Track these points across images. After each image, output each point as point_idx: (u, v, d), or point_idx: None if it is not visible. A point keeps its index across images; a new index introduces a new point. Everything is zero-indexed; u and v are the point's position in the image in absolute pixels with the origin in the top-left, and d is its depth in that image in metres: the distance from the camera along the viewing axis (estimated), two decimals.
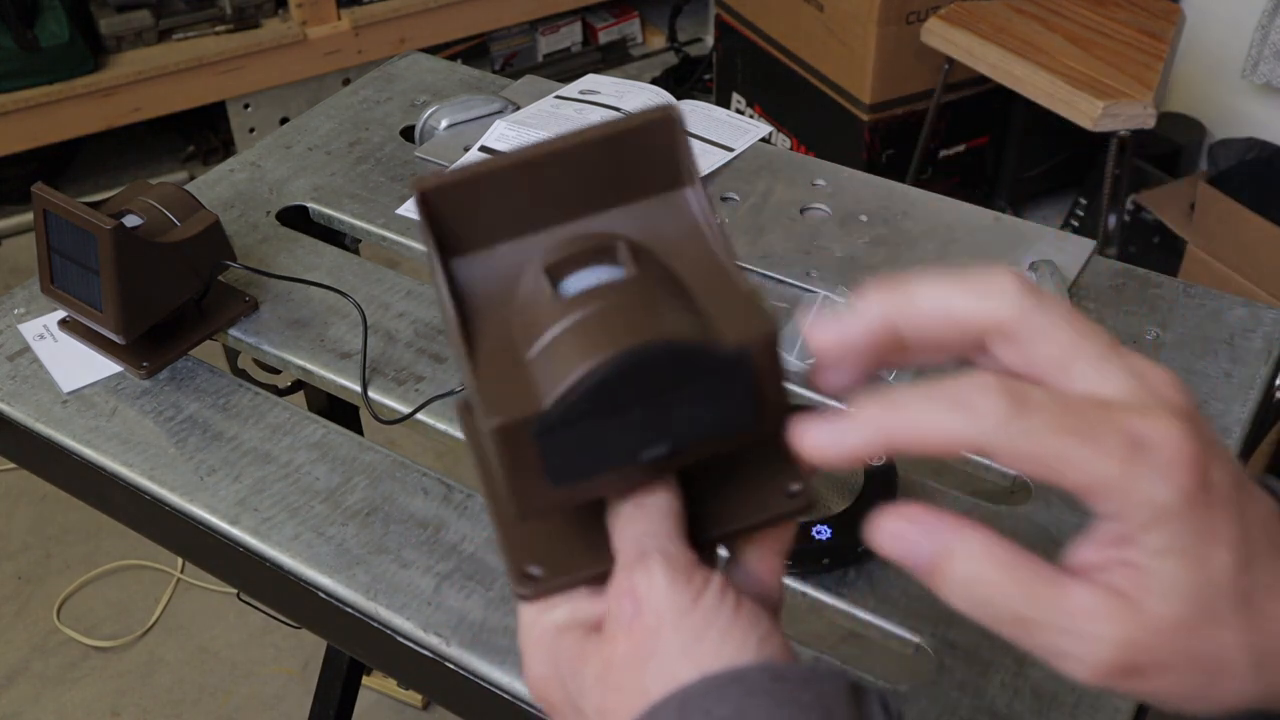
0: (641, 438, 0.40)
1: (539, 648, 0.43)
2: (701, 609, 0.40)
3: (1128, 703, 0.74)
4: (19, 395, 0.98)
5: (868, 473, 0.83)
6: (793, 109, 2.69)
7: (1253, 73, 2.31)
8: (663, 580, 0.40)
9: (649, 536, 0.41)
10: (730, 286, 0.43)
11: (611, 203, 0.45)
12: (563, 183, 0.44)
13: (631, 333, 0.39)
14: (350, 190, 1.20)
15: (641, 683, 0.39)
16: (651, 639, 0.39)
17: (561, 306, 0.41)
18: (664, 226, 0.45)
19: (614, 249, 0.43)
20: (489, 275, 0.44)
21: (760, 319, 0.41)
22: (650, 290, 0.41)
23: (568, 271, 0.42)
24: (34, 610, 1.97)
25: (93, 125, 2.66)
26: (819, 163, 1.22)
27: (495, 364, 0.41)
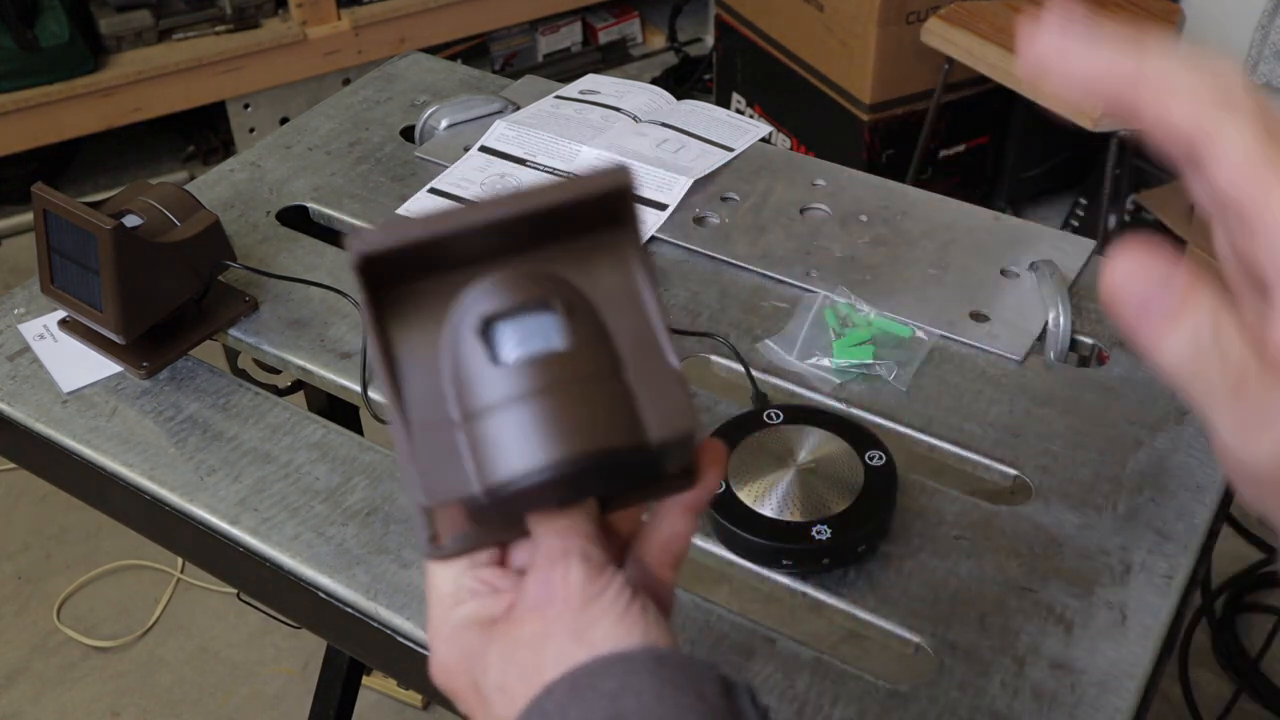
0: (566, 498, 0.46)
1: (446, 639, 0.48)
2: (602, 601, 0.45)
3: (1127, 702, 0.74)
4: (19, 395, 0.98)
5: (867, 472, 0.83)
6: (793, 109, 2.69)
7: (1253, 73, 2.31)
8: (577, 575, 0.45)
9: (572, 535, 0.46)
10: (657, 357, 0.44)
11: (552, 241, 0.45)
12: (506, 233, 0.43)
13: (567, 440, 0.41)
14: (350, 190, 1.20)
15: (539, 661, 0.44)
16: (555, 624, 0.45)
17: (497, 377, 0.42)
18: (601, 269, 0.45)
19: (550, 301, 0.43)
20: (421, 307, 0.44)
21: (683, 416, 0.43)
22: (583, 371, 0.43)
23: (504, 319, 0.43)
24: (34, 610, 1.97)
25: (93, 125, 2.66)
26: (819, 163, 1.22)
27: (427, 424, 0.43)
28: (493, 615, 0.47)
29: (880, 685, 0.75)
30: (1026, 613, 0.79)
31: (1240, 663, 1.83)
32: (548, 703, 0.43)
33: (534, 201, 0.42)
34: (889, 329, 1.00)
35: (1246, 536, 2.00)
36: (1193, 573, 0.82)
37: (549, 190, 0.42)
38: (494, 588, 0.48)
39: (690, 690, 0.42)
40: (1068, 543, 0.83)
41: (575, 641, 0.44)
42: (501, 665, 0.46)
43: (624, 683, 0.42)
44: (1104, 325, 1.01)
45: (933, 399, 0.94)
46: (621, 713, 0.41)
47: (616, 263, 0.45)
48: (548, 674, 0.44)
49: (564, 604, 0.45)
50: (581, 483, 0.44)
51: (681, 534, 0.50)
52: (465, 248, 0.43)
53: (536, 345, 0.42)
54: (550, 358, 0.42)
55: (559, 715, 0.42)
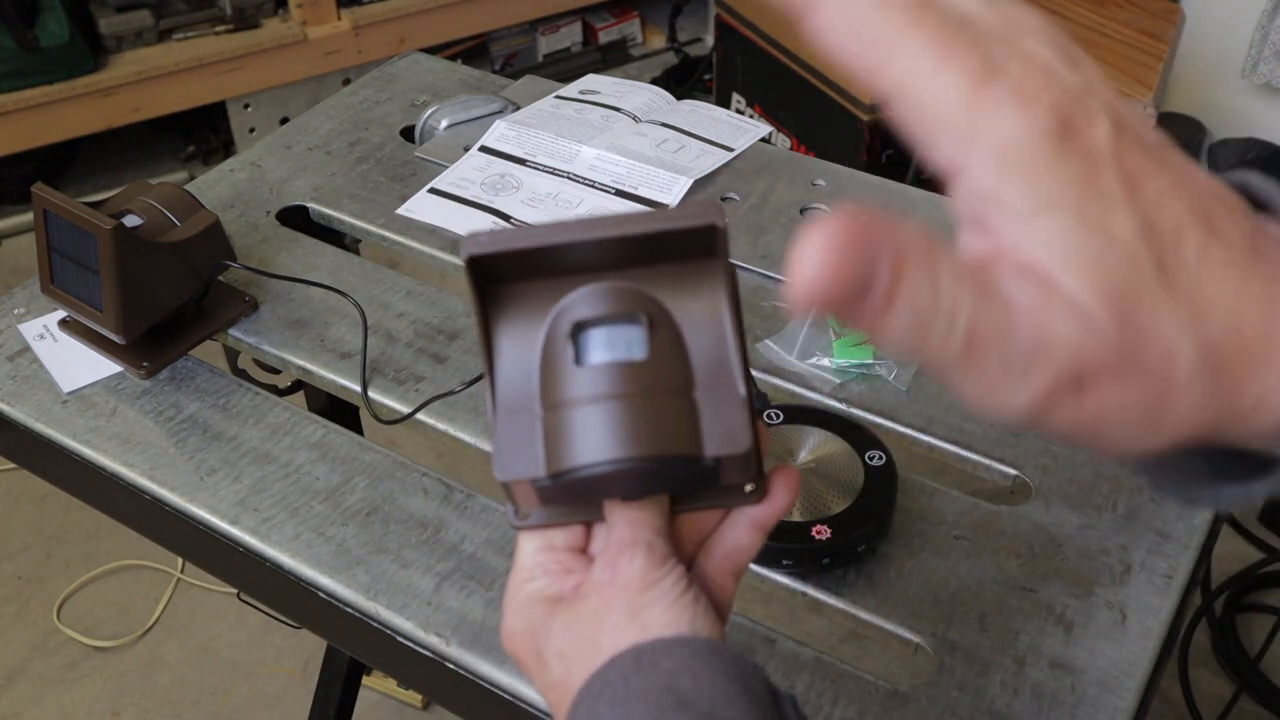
0: (630, 493, 0.50)
1: (516, 609, 0.52)
2: (659, 588, 0.49)
3: (1127, 702, 0.74)
4: (19, 395, 0.98)
5: (867, 472, 0.83)
6: (793, 109, 2.69)
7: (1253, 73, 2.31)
8: (641, 562, 0.49)
9: (643, 526, 0.50)
10: (727, 382, 0.48)
11: (647, 263, 0.48)
12: (604, 251, 0.47)
13: (628, 442, 0.45)
14: (350, 190, 1.20)
15: (596, 634, 0.49)
16: (614, 601, 0.49)
17: (579, 376, 0.47)
18: (690, 293, 0.49)
19: (636, 315, 0.48)
20: (520, 307, 0.48)
21: (740, 438, 0.47)
22: (656, 382, 0.47)
23: (592, 327, 0.48)
24: (34, 610, 1.97)
25: (93, 125, 2.66)
26: (819, 163, 1.22)
27: (511, 410, 0.48)
28: (560, 592, 0.51)
29: (880, 685, 0.75)
30: (1026, 613, 0.79)
31: (1240, 663, 1.83)
32: (611, 672, 0.47)
33: (634, 227, 0.46)
34: None
35: (1246, 536, 2.00)
36: (1193, 573, 0.82)
37: (649, 218, 0.46)
38: (566, 569, 0.52)
39: (740, 682, 0.46)
40: (1068, 543, 0.83)
41: (629, 619, 0.48)
42: (563, 634, 0.50)
43: (683, 663, 0.46)
44: None
45: (933, 399, 0.94)
46: (677, 688, 0.45)
47: (704, 291, 0.49)
48: (603, 644, 0.48)
49: (624, 586, 0.49)
50: (640, 481, 0.48)
51: (745, 547, 0.53)
52: (566, 259, 0.47)
53: (619, 353, 0.47)
54: (628, 366, 0.47)
55: (621, 683, 0.46)
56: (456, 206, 1.16)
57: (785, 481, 0.53)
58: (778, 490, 0.53)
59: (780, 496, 0.53)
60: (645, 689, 0.45)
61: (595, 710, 0.46)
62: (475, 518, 0.87)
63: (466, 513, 0.87)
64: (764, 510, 0.53)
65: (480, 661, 0.77)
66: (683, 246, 0.48)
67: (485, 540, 0.85)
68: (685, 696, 0.45)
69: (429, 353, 1.00)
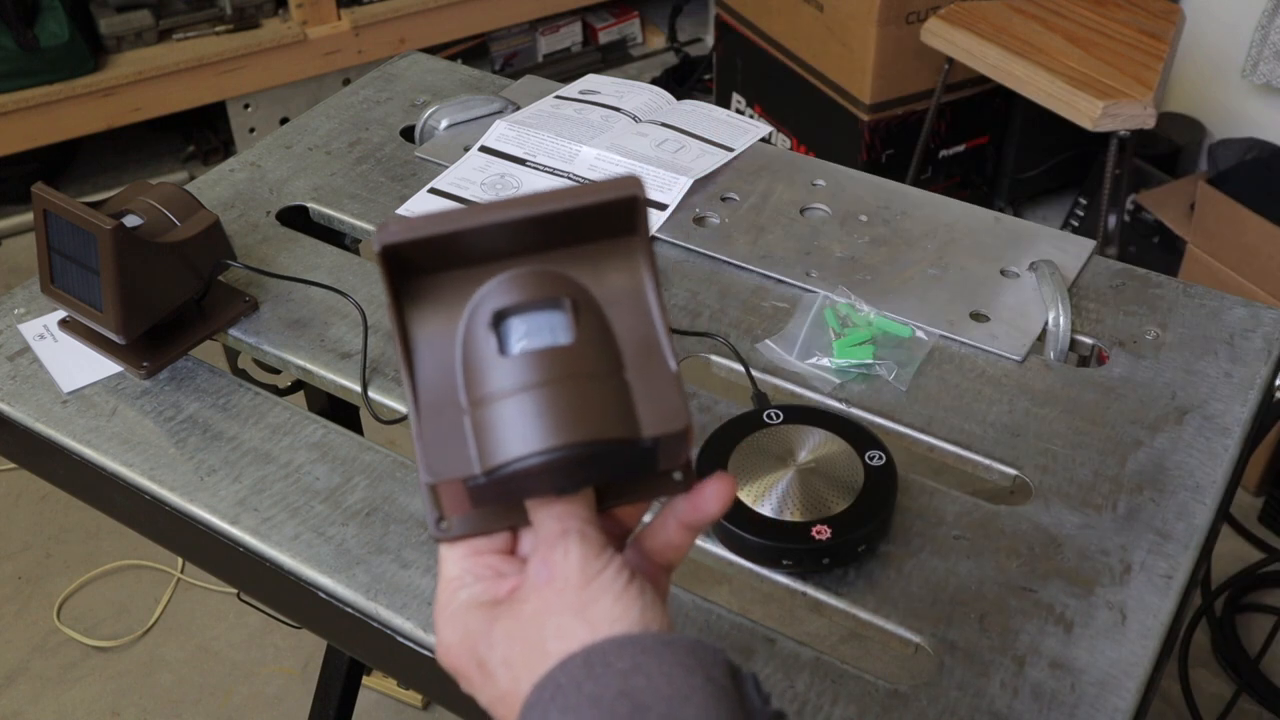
0: (555, 486, 0.48)
1: (451, 620, 0.50)
2: (601, 580, 0.48)
3: (1127, 702, 0.74)
4: (19, 395, 0.98)
5: (867, 472, 0.83)
6: (793, 109, 2.69)
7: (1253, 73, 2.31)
8: (576, 554, 0.48)
9: (570, 517, 0.49)
10: (657, 359, 0.47)
11: (564, 244, 0.47)
12: (521, 233, 0.46)
13: (562, 429, 0.44)
14: (350, 190, 1.20)
15: (541, 636, 0.47)
16: (555, 600, 0.47)
17: (504, 366, 0.45)
18: (610, 273, 0.47)
19: (559, 299, 0.46)
20: (437, 299, 0.47)
21: (676, 414, 0.46)
22: (585, 366, 0.45)
23: (514, 314, 0.46)
24: (34, 610, 1.97)
25: (93, 125, 2.66)
26: (819, 163, 1.22)
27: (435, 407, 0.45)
28: (495, 597, 0.50)
29: (880, 685, 0.75)
30: (1026, 613, 0.79)
31: (1240, 663, 1.83)
32: (561, 676, 0.45)
33: (549, 205, 0.45)
34: (889, 329, 1.00)
35: (1246, 536, 2.00)
36: (1193, 573, 0.82)
37: (564, 195, 0.45)
38: (498, 572, 0.51)
39: (699, 672, 0.45)
40: (1068, 543, 0.83)
41: (575, 617, 0.47)
42: (506, 641, 0.48)
43: (636, 662, 0.45)
44: (1104, 325, 1.01)
45: (933, 399, 0.94)
46: (632, 689, 0.44)
47: (624, 267, 0.47)
48: (550, 648, 0.46)
49: (564, 582, 0.47)
50: (577, 470, 0.46)
51: (677, 546, 0.53)
52: (482, 244, 0.46)
53: (543, 340, 0.45)
54: (555, 352, 0.45)
55: (574, 689, 0.44)
56: (456, 207, 1.16)
57: (719, 488, 0.51)
58: (711, 495, 0.51)
59: (713, 501, 0.51)
60: (598, 694, 0.44)
61: (546, 716, 0.45)
62: None
63: None
64: (694, 513, 0.51)
65: None
66: (600, 224, 0.46)
67: None
68: (641, 700, 0.44)
69: None
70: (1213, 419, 0.92)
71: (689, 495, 0.52)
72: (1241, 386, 0.95)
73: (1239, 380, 0.95)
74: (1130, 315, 1.02)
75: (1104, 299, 1.04)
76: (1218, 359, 0.97)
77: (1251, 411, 0.93)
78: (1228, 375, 0.96)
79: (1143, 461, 0.89)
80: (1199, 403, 0.94)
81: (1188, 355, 0.98)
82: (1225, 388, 0.95)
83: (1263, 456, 2.05)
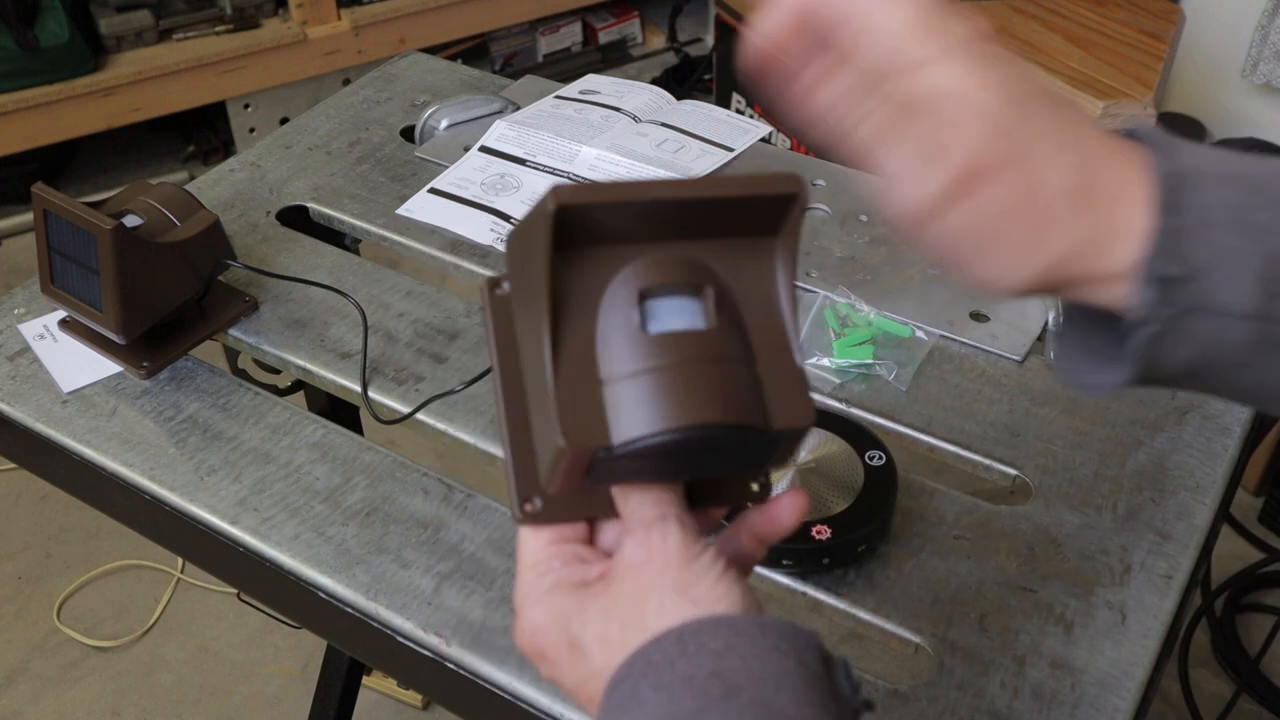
0: (674, 471, 0.49)
1: (538, 602, 0.50)
2: (699, 563, 0.48)
3: (1127, 702, 0.74)
4: (19, 395, 0.98)
5: (867, 472, 0.83)
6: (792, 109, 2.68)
7: (1253, 73, 2.31)
8: (676, 536, 0.48)
9: (667, 504, 0.49)
10: (785, 357, 0.48)
11: (710, 234, 0.48)
12: (675, 215, 0.47)
13: (700, 409, 0.45)
14: (350, 190, 1.20)
15: (641, 613, 0.47)
16: (656, 579, 0.47)
17: (646, 343, 0.46)
18: (747, 268, 0.49)
19: (701, 286, 0.47)
20: (583, 270, 0.47)
21: (805, 410, 0.47)
22: (721, 352, 0.46)
23: (656, 296, 0.47)
24: (34, 610, 1.97)
25: (93, 125, 2.65)
26: (819, 163, 1.22)
27: (573, 374, 0.46)
28: (585, 579, 0.50)
29: (880, 685, 0.75)
30: (1026, 613, 0.79)
31: (1240, 663, 1.83)
32: (655, 653, 0.45)
33: (715, 190, 0.46)
34: (889, 329, 1.00)
35: (1246, 536, 2.00)
36: (1193, 573, 0.82)
37: (730, 182, 0.46)
38: (582, 560, 0.51)
39: (792, 656, 0.45)
40: (1068, 543, 0.83)
41: (678, 595, 0.47)
42: (602, 619, 0.48)
43: (729, 643, 0.44)
44: None
45: (933, 399, 0.94)
46: (724, 670, 0.43)
47: (762, 265, 0.49)
48: (651, 624, 0.46)
49: (664, 562, 0.48)
50: (700, 454, 0.47)
51: (748, 556, 0.54)
52: (632, 224, 0.47)
53: (685, 323, 0.46)
54: (696, 335, 0.46)
55: (666, 666, 0.44)
56: (456, 206, 1.16)
57: (794, 504, 0.52)
58: (786, 509, 0.52)
59: (787, 516, 0.52)
60: (690, 673, 0.44)
61: (638, 692, 0.44)
62: (475, 518, 0.87)
63: (466, 513, 0.87)
64: (768, 525, 0.53)
65: (480, 661, 0.77)
66: (751, 218, 0.48)
67: (485, 540, 0.85)
68: (733, 681, 0.43)
69: (429, 353, 1.00)
70: (1213, 419, 0.92)
71: (764, 508, 0.53)
72: None
73: None
74: None
75: None
76: None
77: (1251, 411, 0.93)
78: None
79: (1143, 461, 0.89)
80: (1199, 402, 0.94)
81: None
82: None
83: (1263, 456, 2.05)
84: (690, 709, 0.43)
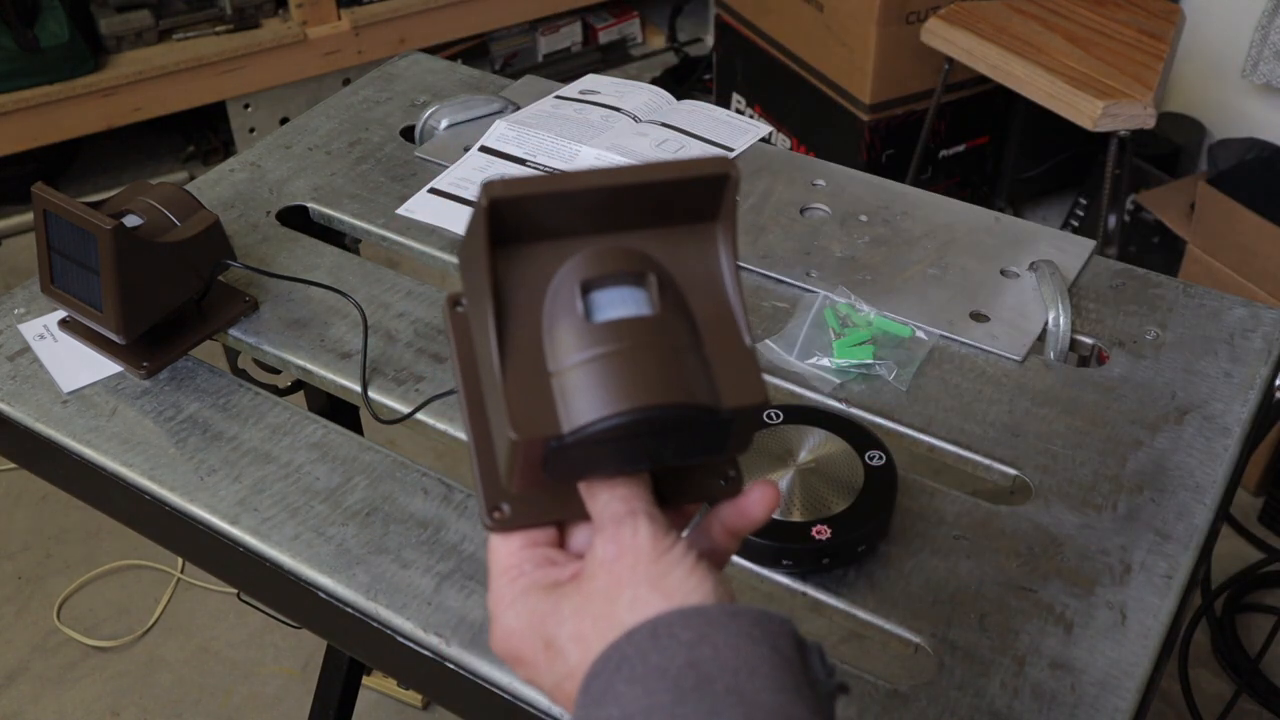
0: (630, 459, 0.49)
1: (513, 605, 0.50)
2: (670, 556, 0.48)
3: (1127, 702, 0.74)
4: (19, 395, 0.98)
5: (867, 472, 0.83)
6: (793, 109, 2.69)
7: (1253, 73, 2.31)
8: (646, 531, 0.49)
9: (636, 499, 0.50)
10: (734, 337, 0.48)
11: (649, 223, 0.49)
12: (614, 204, 0.48)
13: (649, 390, 0.45)
14: (350, 190, 1.20)
15: (614, 609, 0.47)
16: (628, 574, 0.48)
17: (591, 331, 0.46)
18: (689, 255, 0.49)
19: (644, 275, 0.48)
20: (526, 267, 0.48)
21: (755, 388, 0.48)
22: (668, 337, 0.47)
23: (600, 287, 0.47)
24: (34, 610, 1.97)
25: (93, 125, 2.66)
26: (819, 163, 1.22)
27: (521, 369, 0.47)
28: (557, 581, 0.50)
29: (880, 685, 0.75)
30: (1026, 613, 0.79)
31: (1240, 663, 1.83)
32: (628, 647, 0.45)
33: (646, 175, 0.46)
34: (889, 329, 1.00)
35: (1246, 536, 2.00)
36: (1193, 573, 0.82)
37: (661, 167, 0.47)
38: (553, 562, 0.51)
39: (765, 643, 0.45)
40: (1068, 543, 0.83)
41: (650, 588, 0.47)
42: (576, 617, 0.48)
43: (702, 633, 0.45)
44: (1104, 325, 1.01)
45: (933, 399, 0.94)
46: (697, 660, 0.44)
47: (705, 250, 0.49)
48: (624, 619, 0.46)
49: (634, 556, 0.48)
50: (654, 440, 0.47)
51: (722, 551, 0.54)
52: (570, 217, 0.47)
53: (630, 310, 0.47)
54: (640, 321, 0.47)
55: (639, 659, 0.44)
56: (456, 206, 1.16)
57: (763, 496, 0.52)
58: (756, 500, 0.52)
59: (757, 507, 0.52)
60: (664, 666, 0.44)
61: (612, 686, 0.45)
62: (475, 518, 0.87)
63: (466, 513, 0.87)
64: (739, 518, 0.53)
65: (480, 661, 0.77)
66: (687, 203, 0.48)
67: (485, 540, 0.85)
68: (706, 671, 0.43)
69: (429, 353, 1.00)
70: (1213, 419, 0.92)
71: (734, 501, 0.53)
72: (1241, 386, 0.95)
73: (1239, 380, 0.95)
74: (1130, 315, 1.02)
75: (1104, 299, 1.04)
76: (1218, 359, 0.97)
77: (1251, 411, 0.93)
78: (1228, 375, 0.96)
79: (1143, 461, 0.89)
80: (1199, 403, 0.94)
81: (1188, 355, 0.98)
82: (1225, 388, 0.95)
83: (1263, 456, 2.05)
84: (665, 701, 0.43)
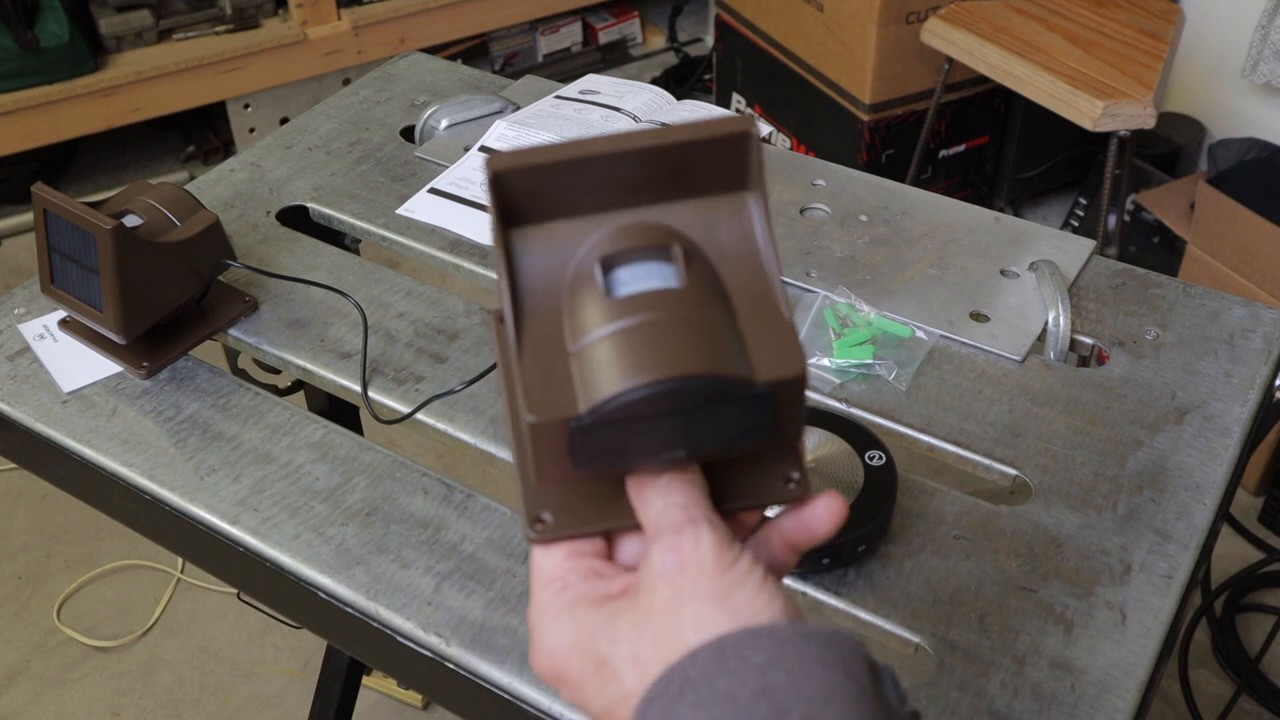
0: (664, 444, 0.44)
1: (556, 619, 0.46)
2: (736, 570, 0.44)
3: (1127, 702, 0.74)
4: (19, 395, 0.98)
5: (867, 472, 0.83)
6: (793, 109, 2.69)
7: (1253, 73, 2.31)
8: (709, 541, 0.44)
9: (695, 507, 0.45)
10: (771, 310, 0.44)
11: (674, 196, 0.45)
12: (631, 174, 0.44)
13: (671, 361, 0.41)
14: (350, 190, 1.20)
15: (676, 627, 0.43)
16: (691, 588, 0.43)
17: (611, 306, 0.43)
18: (721, 227, 0.46)
19: (669, 248, 0.44)
20: (545, 248, 0.45)
21: (793, 359, 0.43)
22: (696, 308, 0.43)
23: (622, 263, 0.44)
24: (34, 610, 1.97)
25: (93, 125, 2.66)
26: (819, 163, 1.22)
27: (540, 352, 0.43)
28: (606, 593, 0.46)
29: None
30: (1026, 613, 0.79)
31: (1240, 663, 1.83)
32: (691, 669, 0.41)
33: (659, 139, 0.43)
34: (889, 329, 1.00)
35: (1246, 536, 2.00)
36: (1193, 573, 0.82)
37: (674, 130, 0.43)
38: (600, 574, 0.47)
39: (840, 668, 0.41)
40: (1068, 543, 0.83)
41: (716, 606, 0.43)
42: (633, 635, 0.44)
43: (773, 656, 0.41)
44: (1104, 325, 1.01)
45: (933, 399, 0.94)
46: (770, 687, 0.40)
47: (736, 220, 0.46)
48: (688, 638, 0.42)
49: (698, 569, 0.44)
50: (686, 420, 0.43)
51: (780, 565, 0.50)
52: (589, 191, 0.44)
53: (653, 284, 0.44)
54: (665, 293, 0.43)
55: (705, 684, 0.41)
56: (456, 206, 1.16)
57: (831, 507, 0.48)
58: (822, 513, 0.48)
59: (823, 522, 0.48)
60: (732, 692, 0.40)
61: (673, 711, 0.41)
62: (475, 518, 0.87)
63: (466, 513, 0.87)
64: (801, 532, 0.49)
65: (480, 661, 0.77)
66: (711, 171, 0.45)
67: (485, 540, 0.85)
68: (780, 700, 0.40)
69: (429, 353, 1.00)
70: (1213, 419, 0.92)
71: (797, 513, 0.49)
72: (1241, 386, 0.95)
73: (1239, 380, 0.95)
74: (1130, 315, 1.02)
75: (1104, 299, 1.04)
76: (1218, 359, 0.97)
77: (1251, 411, 0.93)
78: (1228, 375, 0.96)
79: (1143, 461, 0.89)
80: (1199, 403, 0.94)
81: (1188, 355, 0.98)
82: (1225, 388, 0.95)
83: (1263, 456, 2.05)
84: None
